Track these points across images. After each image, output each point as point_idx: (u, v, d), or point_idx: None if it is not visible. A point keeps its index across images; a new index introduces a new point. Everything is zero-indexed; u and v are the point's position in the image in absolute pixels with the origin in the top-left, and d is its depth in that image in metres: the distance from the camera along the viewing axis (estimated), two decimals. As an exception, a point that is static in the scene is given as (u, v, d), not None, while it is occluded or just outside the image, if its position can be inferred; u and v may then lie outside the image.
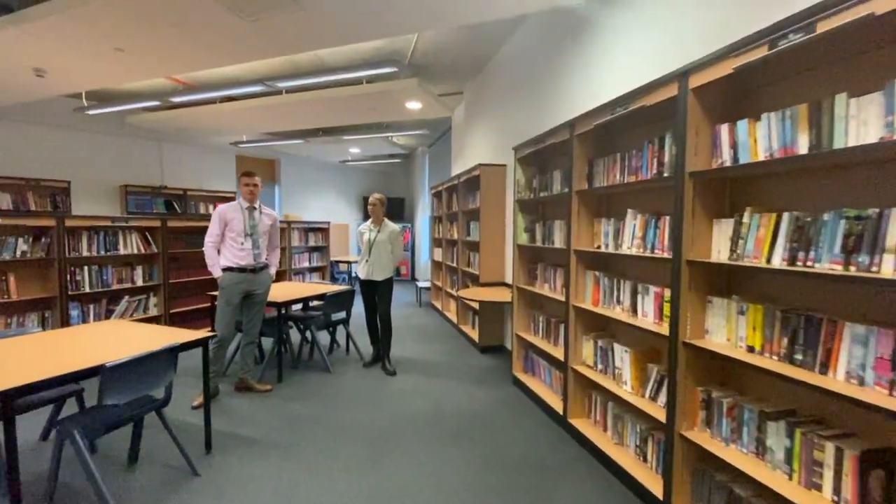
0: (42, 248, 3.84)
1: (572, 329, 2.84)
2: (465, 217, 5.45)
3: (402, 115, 6.03)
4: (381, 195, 4.19)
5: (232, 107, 5.78)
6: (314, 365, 4.30)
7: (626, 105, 2.28)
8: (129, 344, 2.40)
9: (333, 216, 10.92)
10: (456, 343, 5.14)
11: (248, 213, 3.51)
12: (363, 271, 4.17)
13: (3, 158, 6.31)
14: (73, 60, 3.94)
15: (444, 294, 6.39)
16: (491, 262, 4.67)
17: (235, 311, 3.49)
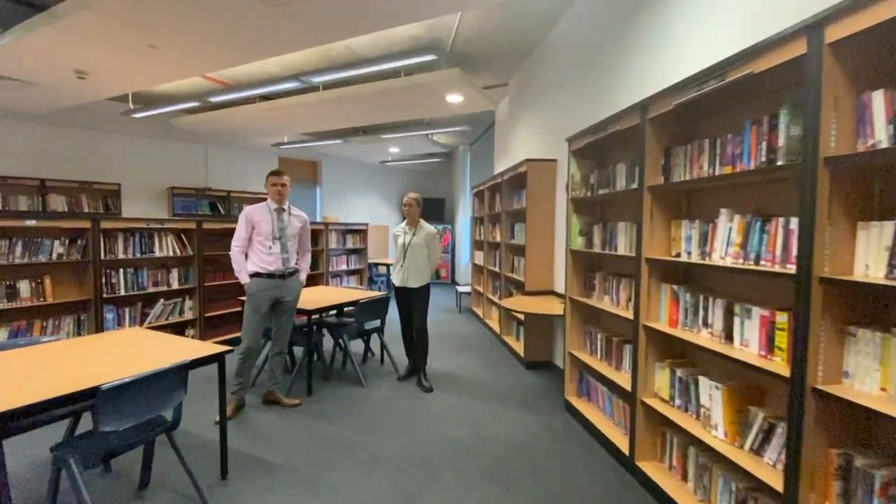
0: (78, 251, 3.79)
1: (642, 353, 2.35)
2: (508, 218, 5.01)
3: (443, 111, 5.67)
4: (416, 195, 3.85)
5: (270, 106, 5.66)
6: (347, 376, 4.02)
7: (722, 75, 1.79)
8: (141, 358, 2.18)
9: (373, 217, 10.77)
10: (498, 356, 4.71)
11: (276, 214, 3.27)
12: (397, 277, 3.84)
13: (58, 162, 6.55)
14: (109, 60, 3.88)
15: (486, 300, 5.98)
16: (538, 269, 4.21)
17: (264, 319, 3.26)
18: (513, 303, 3.95)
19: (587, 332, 3.18)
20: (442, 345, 5.06)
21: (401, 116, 6.08)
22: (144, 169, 7.42)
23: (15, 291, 3.48)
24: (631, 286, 2.67)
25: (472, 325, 6.16)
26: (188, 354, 2.27)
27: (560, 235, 4.13)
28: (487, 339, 5.38)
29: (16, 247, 3.46)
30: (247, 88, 4.84)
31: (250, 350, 3.22)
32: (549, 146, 4.39)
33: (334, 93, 5.10)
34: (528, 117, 5.07)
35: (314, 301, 3.81)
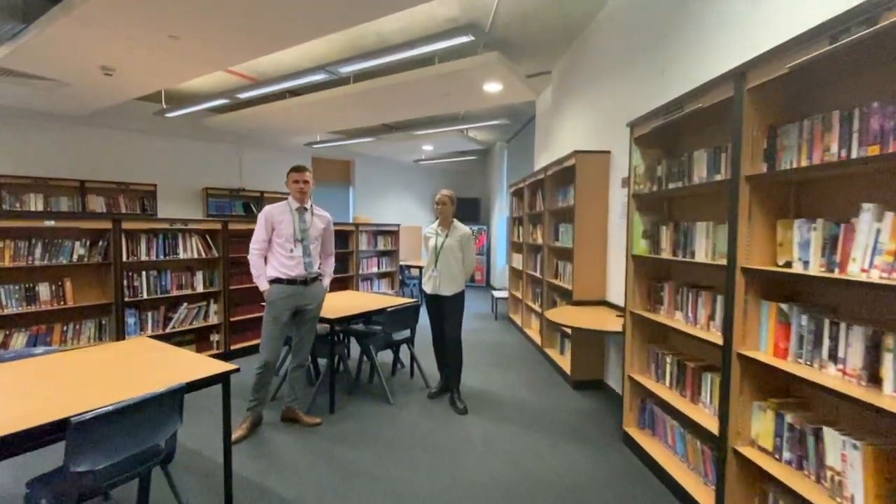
0: (99, 252, 3.65)
1: (735, 388, 1.85)
2: (552, 218, 4.53)
3: (480, 102, 5.26)
4: (449, 192, 3.46)
5: (299, 101, 5.45)
6: (373, 390, 3.68)
7: (873, 18, 1.28)
8: (134, 377, 1.89)
9: (406, 218, 10.49)
10: (540, 372, 4.24)
11: (298, 214, 2.97)
12: (428, 284, 3.46)
13: (97, 163, 6.62)
14: (132, 53, 3.73)
15: (525, 308, 5.50)
16: (588, 276, 3.72)
17: (284, 329, 2.96)
18: (559, 315, 3.48)
19: (652, 353, 2.68)
20: (476, 356, 4.63)
21: (435, 110, 5.72)
22: (180, 170, 7.43)
23: (34, 294, 3.36)
24: (713, 301, 2.16)
25: (510, 334, 5.70)
26: (190, 373, 1.97)
27: (615, 237, 3.62)
28: (527, 352, 4.91)
29: (35, 248, 3.33)
30: (273, 83, 4.62)
31: (269, 363, 2.93)
32: (600, 137, 3.89)
33: (364, 85, 4.79)
34: (575, 106, 4.56)
35: (338, 308, 3.48)
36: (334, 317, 3.19)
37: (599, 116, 3.93)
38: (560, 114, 5.04)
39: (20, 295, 3.29)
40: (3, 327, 3.25)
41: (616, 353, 3.54)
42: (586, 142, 4.04)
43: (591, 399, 3.54)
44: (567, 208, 4.12)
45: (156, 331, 4.02)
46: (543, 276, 4.59)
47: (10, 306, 3.24)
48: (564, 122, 4.90)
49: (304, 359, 3.08)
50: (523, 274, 5.53)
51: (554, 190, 4.49)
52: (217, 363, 2.12)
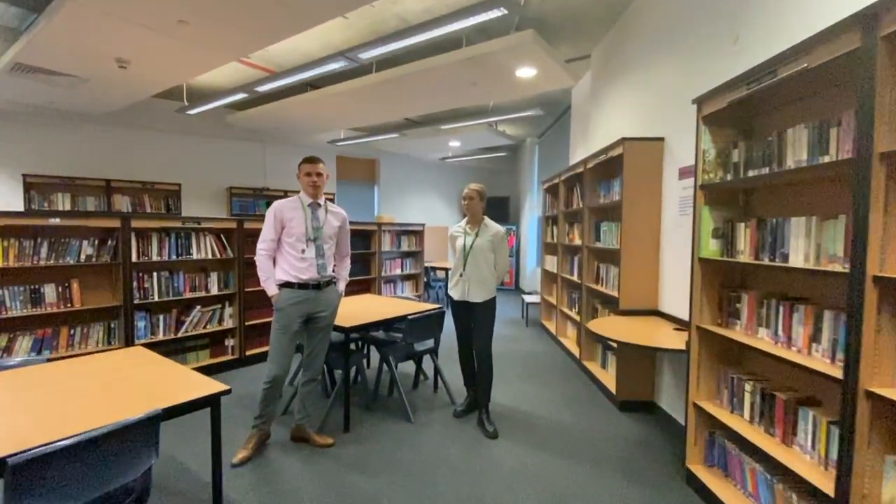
0: (107, 252, 3.46)
1: (861, 437, 1.39)
2: (593, 216, 4.07)
3: (511, 91, 4.85)
4: (478, 186, 3.08)
5: (320, 95, 5.19)
6: (393, 406, 3.33)
7: None
8: (117, 397, 1.61)
9: (431, 217, 10.16)
10: (579, 388, 3.79)
11: (310, 211, 2.66)
12: (456, 289, 3.09)
13: (122, 163, 6.58)
14: (143, 42, 3.53)
15: (560, 315, 5.05)
16: (637, 281, 3.25)
17: (294, 339, 2.66)
18: (604, 326, 3.03)
19: (725, 377, 2.21)
20: (507, 367, 4.22)
21: (462, 101, 5.34)
22: (204, 169, 7.35)
23: (40, 296, 3.19)
24: (817, 318, 1.69)
25: (543, 343, 5.25)
26: (175, 395, 1.67)
27: (670, 237, 3.14)
28: (563, 364, 4.46)
29: (41, 247, 3.16)
30: (291, 73, 4.36)
31: (277, 377, 2.63)
32: (651, 122, 3.42)
33: (386, 74, 4.47)
34: (620, 91, 4.09)
35: (354, 315, 3.16)
36: (350, 325, 2.87)
37: (650, 100, 3.46)
38: (601, 101, 4.57)
39: (25, 296, 3.12)
40: (7, 331, 3.09)
41: (672, 372, 3.06)
42: (634, 129, 3.57)
43: (641, 424, 3.07)
44: (611, 204, 3.66)
45: (167, 335, 3.81)
46: (582, 280, 4.14)
47: (15, 308, 3.08)
48: (606, 109, 4.43)
49: (316, 372, 2.77)
50: (558, 277, 5.07)
51: (595, 184, 4.03)
52: (208, 383, 1.81)
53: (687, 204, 2.89)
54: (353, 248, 5.73)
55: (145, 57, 3.86)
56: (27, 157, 5.88)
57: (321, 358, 2.77)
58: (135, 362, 2.09)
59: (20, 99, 5.28)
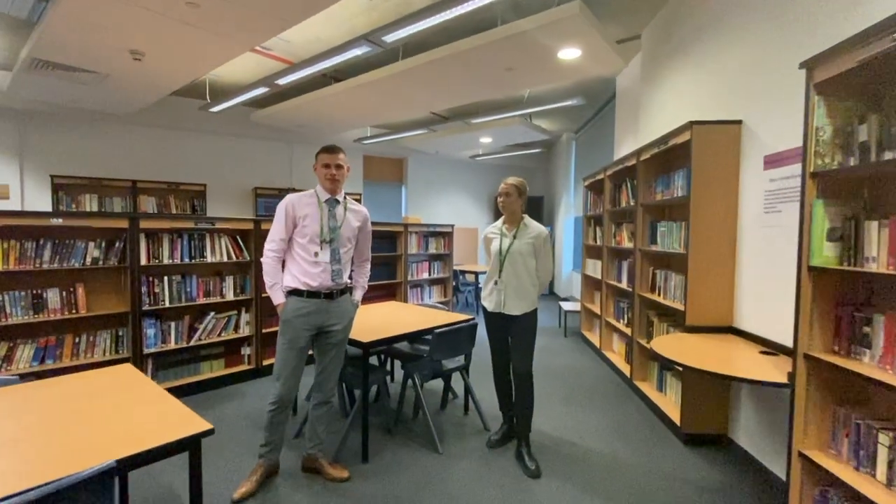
0: (115, 255, 3.23)
1: None
2: (648, 215, 3.55)
3: (551, 77, 4.38)
4: (517, 180, 2.65)
5: (344, 87, 4.89)
6: (417, 430, 2.94)
7: None
8: (74, 438, 1.27)
9: (461, 218, 9.76)
10: (632, 415, 3.28)
11: (327, 208, 2.30)
12: (490, 299, 2.66)
13: (148, 164, 6.51)
14: (153, 31, 3.30)
15: (604, 325, 4.53)
16: (707, 292, 2.73)
17: (303, 355, 2.31)
18: (670, 347, 2.52)
19: (846, 422, 1.69)
20: (546, 386, 3.75)
21: (496, 90, 4.91)
22: (229, 169, 7.22)
23: (42, 302, 2.97)
24: None
25: (585, 357, 4.73)
26: (143, 437, 1.33)
27: (751, 239, 2.61)
28: (610, 383, 3.94)
29: (44, 249, 2.95)
30: (312, 62, 4.06)
31: (283, 399, 2.28)
32: (721, 105, 2.89)
33: (413, 60, 4.10)
34: (679, 72, 3.56)
35: (374, 327, 2.79)
36: (369, 339, 2.49)
37: (720, 78, 2.93)
38: (655, 85, 4.03)
39: (26, 302, 2.91)
40: (7, 339, 2.88)
41: (754, 402, 2.53)
42: (699, 113, 3.05)
43: (714, 465, 2.55)
44: (672, 201, 3.15)
45: (179, 343, 3.56)
46: (634, 288, 3.62)
47: (16, 315, 2.87)
48: (662, 94, 3.89)
49: (328, 393, 2.40)
50: (602, 284, 4.55)
51: (650, 179, 3.51)
52: (188, 420, 1.46)
53: (776, 199, 2.36)
54: (378, 250, 5.47)
55: (158, 47, 3.63)
56: (55, 159, 5.86)
57: (334, 377, 2.41)
58: (116, 385, 1.78)
59: (47, 98, 5.24)
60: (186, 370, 3.64)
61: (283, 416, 2.33)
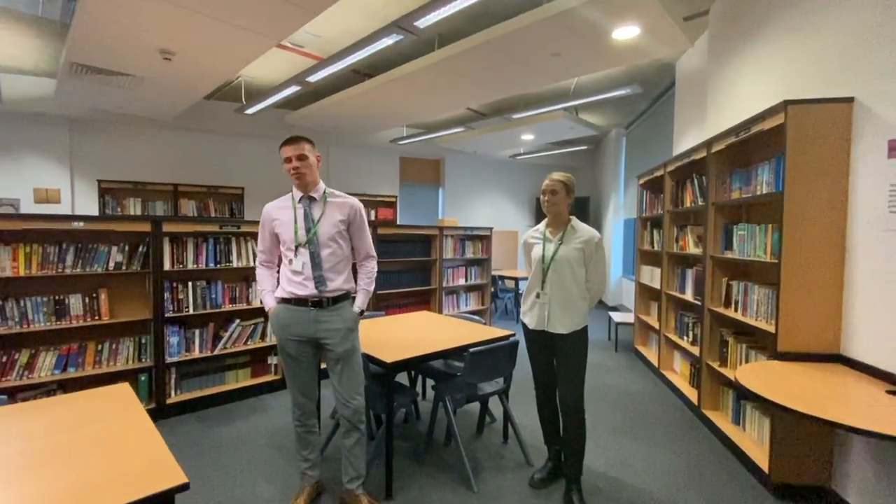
0: (139, 259, 3.12)
1: None
2: (721, 216, 3.03)
3: (604, 61, 3.92)
4: (563, 175, 2.26)
5: (377, 82, 4.65)
6: (450, 459, 2.60)
7: None
8: (32, 491, 1.04)
9: (500, 221, 9.34)
10: (704, 452, 2.77)
11: (302, 208, 2.04)
12: (531, 315, 2.29)
13: (188, 168, 6.59)
14: (176, 24, 3.17)
15: (664, 341, 4.00)
16: (807, 310, 2.20)
17: (307, 368, 2.09)
18: (761, 380, 2.02)
19: None
20: (597, 411, 3.30)
21: (540, 81, 4.49)
22: (266, 172, 7.21)
23: (65, 308, 2.89)
24: None
25: (640, 377, 4.21)
26: (113, 490, 1.07)
27: (868, 245, 2.08)
28: (672, 409, 3.42)
29: (66, 254, 2.86)
30: (342, 56, 3.83)
31: (297, 412, 2.15)
32: (825, 80, 2.36)
33: (448, 50, 3.79)
34: (761, 50, 3.02)
35: (399, 343, 2.47)
36: (392, 359, 2.18)
37: (823, 49, 2.40)
38: (729, 66, 3.48)
39: (49, 308, 2.83)
40: (30, 346, 2.81)
41: (869, 449, 1.99)
42: (792, 92, 2.52)
43: (818, 528, 2.03)
44: (752, 199, 2.63)
45: (203, 351, 3.41)
46: (703, 301, 3.10)
47: (38, 321, 2.79)
48: (738, 75, 3.35)
49: (351, 420, 2.07)
50: (661, 294, 4.02)
51: (724, 174, 2.99)
52: (165, 469, 1.20)
53: None
54: (411, 254, 5.16)
55: (186, 45, 3.52)
56: (101, 164, 6.02)
57: (348, 399, 2.05)
58: (102, 413, 1.56)
59: (92, 105, 5.36)
60: (210, 380, 3.49)
61: (304, 430, 2.15)
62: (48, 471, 1.18)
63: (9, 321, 2.69)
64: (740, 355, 2.77)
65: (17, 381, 2.72)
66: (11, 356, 2.73)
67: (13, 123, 5.48)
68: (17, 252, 2.70)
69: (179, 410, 3.22)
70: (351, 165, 8.10)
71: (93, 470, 1.18)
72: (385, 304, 4.69)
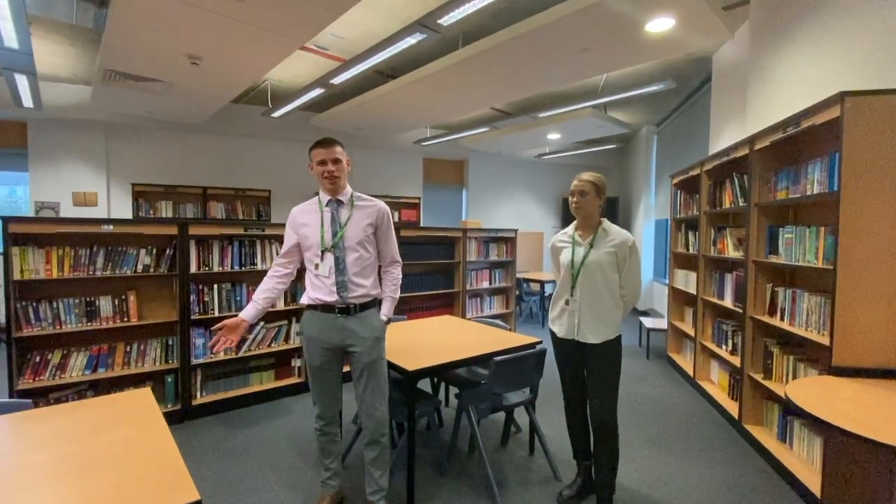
0: (166, 262, 3.16)
1: None
2: (765, 217, 2.83)
3: (635, 55, 3.76)
4: (593, 176, 2.14)
5: (400, 83, 4.61)
6: (474, 470, 2.51)
7: None
8: None
9: (525, 222, 9.17)
10: (747, 470, 2.58)
11: (329, 212, 1.97)
12: (560, 323, 2.17)
13: (217, 171, 6.72)
14: (203, 29, 3.20)
15: (699, 349, 3.78)
16: (868, 321, 2.01)
17: (330, 376, 2.04)
18: (814, 397, 1.85)
19: None
20: (629, 421, 3.14)
21: (567, 77, 4.35)
22: (292, 174, 7.29)
23: (95, 309, 2.95)
24: None
25: (675, 386, 4.00)
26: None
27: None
28: (710, 423, 3.23)
29: (97, 257, 2.92)
30: (364, 57, 3.80)
31: (320, 420, 2.08)
32: (885, 70, 2.15)
33: (473, 48, 3.70)
34: (811, 38, 2.81)
35: (421, 350, 2.40)
36: (413, 367, 2.10)
37: (881, 36, 2.19)
38: (773, 56, 3.27)
39: (80, 310, 2.89)
40: (62, 346, 2.88)
41: (944, 482, 1.79)
42: (846, 83, 2.31)
43: (882, 563, 1.84)
44: (801, 200, 2.44)
45: (228, 354, 3.43)
46: (745, 309, 2.90)
47: (70, 322, 2.86)
48: (784, 67, 3.13)
49: (374, 431, 2.00)
50: (697, 300, 3.81)
51: (768, 173, 2.79)
52: (175, 487, 1.15)
53: None
54: (434, 257, 5.08)
55: (212, 49, 3.56)
56: (135, 168, 6.20)
57: (372, 410, 1.99)
58: (122, 419, 1.54)
59: (126, 111, 5.53)
60: (235, 382, 3.51)
61: (327, 440, 2.10)
62: (56, 484, 1.15)
63: (42, 322, 2.76)
64: (787, 368, 2.57)
65: (50, 381, 2.78)
66: (45, 356, 2.80)
67: (53, 130, 5.71)
68: (50, 255, 2.76)
69: (205, 412, 3.25)
70: (374, 167, 8.11)
71: (103, 484, 1.15)
72: (407, 307, 4.63)
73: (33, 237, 2.73)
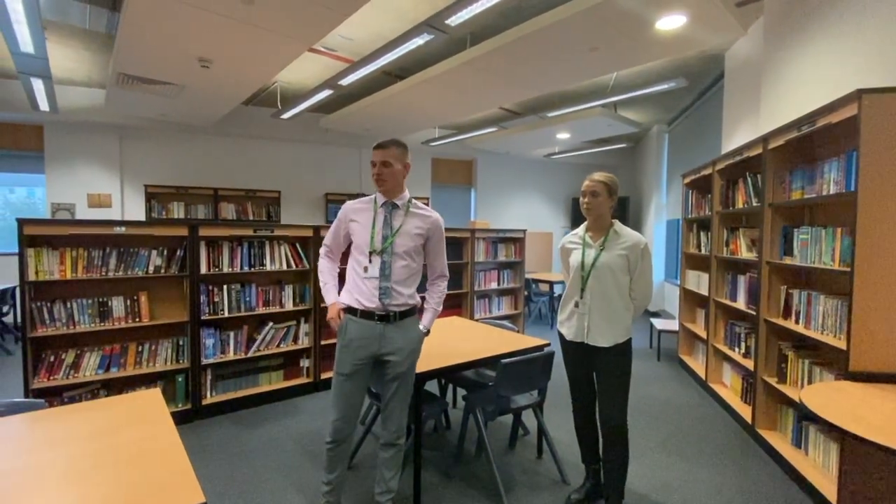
0: (177, 263, 3.19)
1: None
2: (779, 218, 2.77)
3: (645, 53, 3.71)
4: (605, 176, 2.11)
5: (408, 84, 4.61)
6: (481, 473, 2.49)
7: None
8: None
9: (534, 222, 9.13)
10: (760, 476, 2.53)
11: (383, 213, 1.95)
12: (569, 326, 2.15)
13: (227, 172, 6.79)
14: (213, 32, 3.23)
15: (711, 352, 3.72)
16: (887, 324, 1.95)
17: (359, 385, 1.97)
18: (830, 403, 1.81)
19: None
20: (639, 424, 3.10)
21: (576, 77, 4.32)
22: (301, 176, 7.35)
23: (108, 310, 2.99)
24: None
25: (686, 389, 3.95)
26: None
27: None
28: (723, 426, 3.17)
29: (110, 257, 2.96)
30: (372, 59, 3.80)
31: (337, 436, 1.96)
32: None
33: (480, 48, 3.68)
34: (827, 34, 2.75)
35: (428, 351, 2.38)
36: (420, 369, 2.10)
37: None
38: (788, 53, 3.20)
39: (93, 310, 2.94)
40: (76, 346, 2.92)
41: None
42: (863, 81, 2.25)
43: (901, 575, 1.79)
44: (817, 200, 2.38)
45: (238, 353, 3.46)
46: (759, 311, 2.85)
47: (83, 322, 2.90)
48: (799, 63, 3.07)
49: (395, 433, 1.99)
50: (709, 302, 3.75)
51: (783, 172, 2.73)
52: (180, 490, 1.16)
53: None
54: (442, 258, 5.08)
55: (222, 52, 3.60)
56: (148, 169, 6.30)
57: (400, 417, 1.99)
58: (131, 420, 1.56)
59: (139, 113, 5.61)
60: (245, 382, 3.54)
61: (341, 452, 2.00)
62: (61, 486, 1.16)
63: (56, 322, 2.81)
64: (802, 372, 2.52)
65: (64, 381, 2.83)
66: (59, 356, 2.85)
67: (69, 133, 5.82)
68: (64, 256, 2.81)
69: (214, 411, 3.28)
70: (383, 168, 8.13)
71: (109, 485, 1.16)
72: (416, 307, 4.64)
73: (48, 239, 2.78)
